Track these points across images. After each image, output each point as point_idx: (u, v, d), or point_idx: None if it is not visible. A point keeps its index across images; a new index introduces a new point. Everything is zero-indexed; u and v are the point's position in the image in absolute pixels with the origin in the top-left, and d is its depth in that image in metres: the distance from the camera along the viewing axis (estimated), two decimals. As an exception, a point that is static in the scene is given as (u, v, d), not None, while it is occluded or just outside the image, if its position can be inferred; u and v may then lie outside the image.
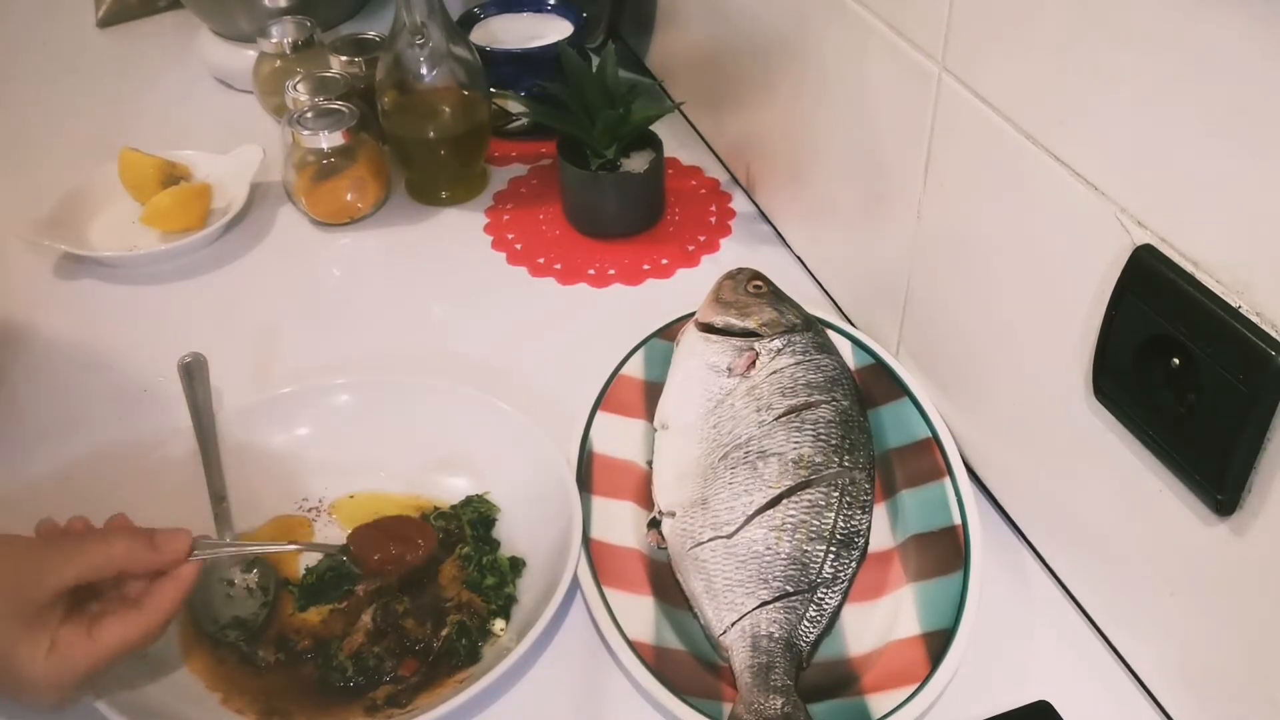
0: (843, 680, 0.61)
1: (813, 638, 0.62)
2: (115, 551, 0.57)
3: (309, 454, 0.75)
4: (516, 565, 0.68)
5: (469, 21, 1.10)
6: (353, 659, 0.63)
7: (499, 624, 0.65)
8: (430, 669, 0.63)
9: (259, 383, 0.82)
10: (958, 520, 0.66)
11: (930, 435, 0.71)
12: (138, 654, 0.58)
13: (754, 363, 0.72)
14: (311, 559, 0.69)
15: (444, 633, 0.64)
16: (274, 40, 1.07)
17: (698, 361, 0.74)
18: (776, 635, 0.61)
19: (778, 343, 0.73)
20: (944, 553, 0.65)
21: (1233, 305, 0.46)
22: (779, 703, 0.57)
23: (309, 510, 0.73)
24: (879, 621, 0.64)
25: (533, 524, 0.69)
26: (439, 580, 0.68)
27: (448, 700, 0.58)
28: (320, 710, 0.62)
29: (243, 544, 0.68)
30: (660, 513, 0.68)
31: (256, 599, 0.67)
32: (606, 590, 0.64)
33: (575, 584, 0.65)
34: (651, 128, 0.95)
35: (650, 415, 0.75)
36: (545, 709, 0.62)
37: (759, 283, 0.78)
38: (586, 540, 0.66)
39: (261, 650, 0.65)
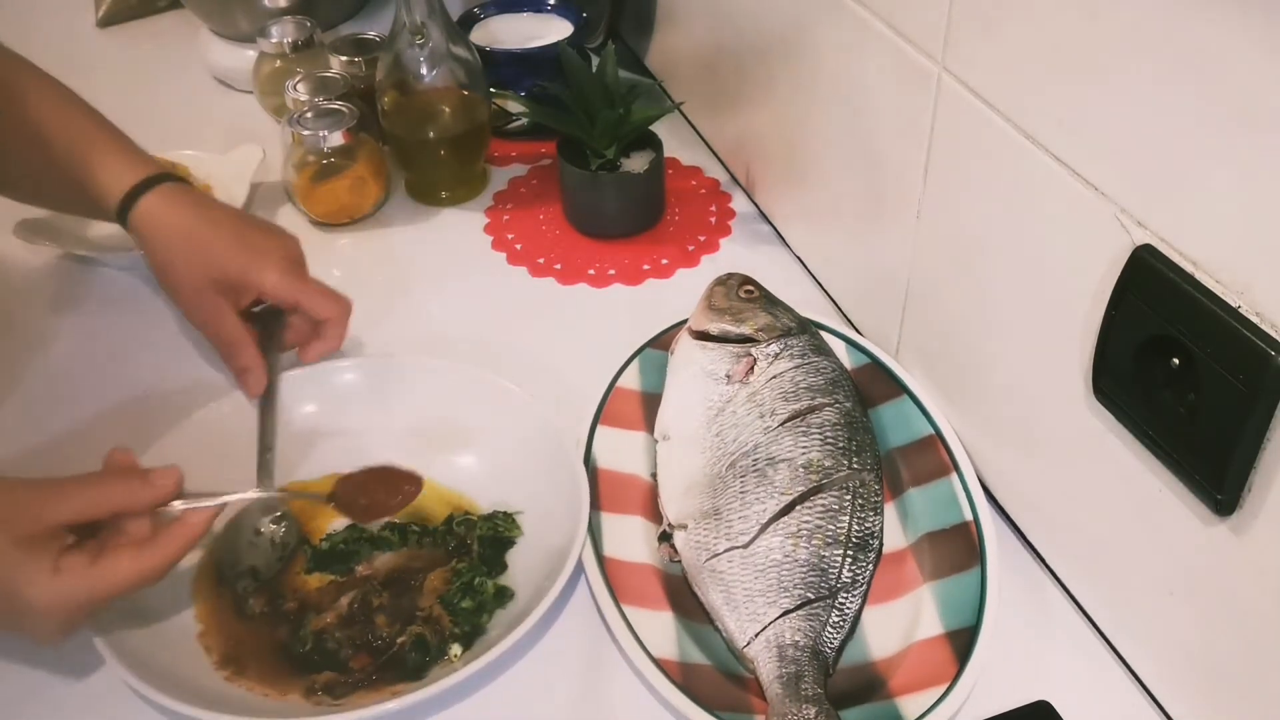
0: (870, 684, 0.61)
1: (837, 643, 0.61)
2: (110, 489, 0.59)
3: (347, 427, 0.76)
4: (502, 595, 0.66)
5: (469, 21, 1.10)
6: (315, 636, 0.64)
7: (455, 649, 0.64)
8: (379, 671, 0.63)
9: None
10: (969, 516, 0.66)
11: (933, 432, 0.71)
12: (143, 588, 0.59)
13: (752, 368, 0.72)
14: (338, 525, 0.71)
15: (400, 640, 0.64)
16: (274, 40, 1.07)
17: (695, 370, 0.73)
18: (802, 643, 0.60)
19: (774, 347, 0.72)
20: (959, 549, 0.65)
21: (1233, 305, 0.46)
22: (812, 711, 0.57)
23: None
24: (899, 622, 0.64)
25: (537, 553, 0.68)
26: (423, 586, 0.67)
27: (369, 709, 0.58)
28: (270, 674, 0.63)
29: (225, 494, 0.64)
30: (670, 525, 0.68)
31: (276, 552, 0.68)
32: (625, 608, 0.62)
33: (550, 616, 0.64)
34: (651, 128, 0.95)
35: (650, 427, 0.74)
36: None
37: (750, 287, 0.77)
38: (600, 559, 0.65)
39: (252, 599, 0.66)
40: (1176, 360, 0.50)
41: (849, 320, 0.86)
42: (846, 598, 0.63)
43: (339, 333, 0.77)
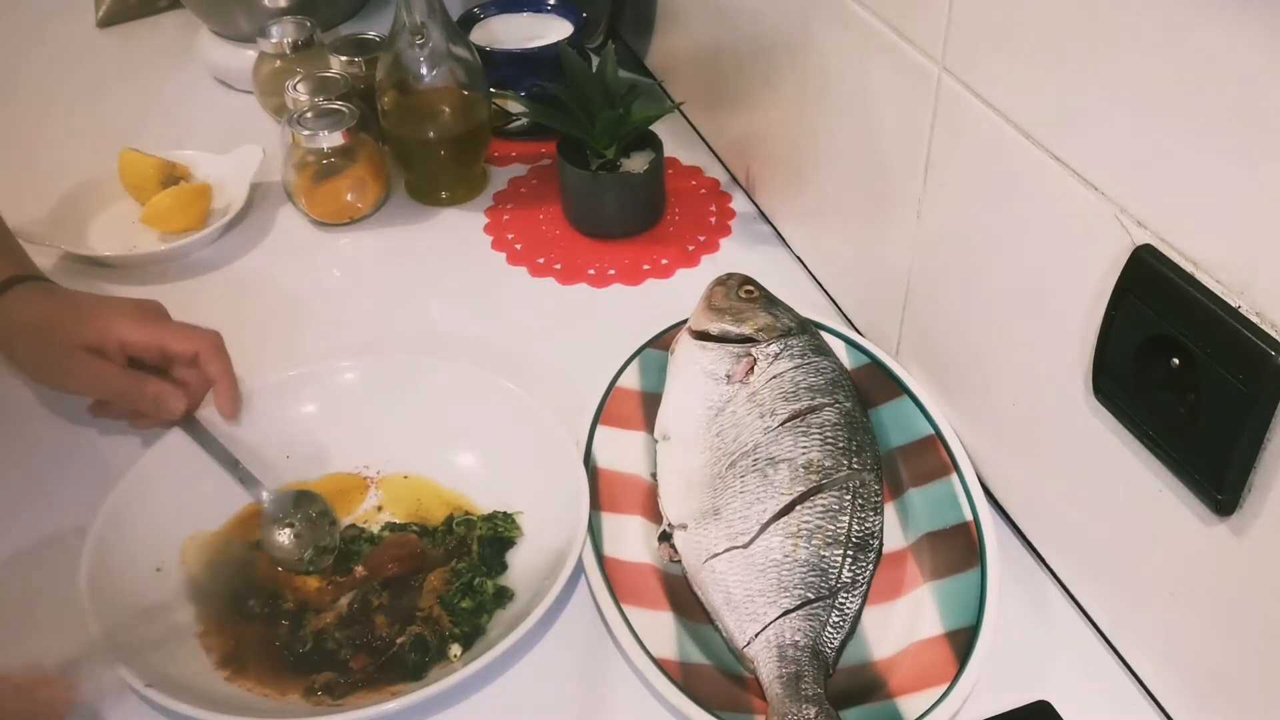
0: (870, 685, 0.61)
1: (837, 643, 0.61)
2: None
3: (347, 427, 0.76)
4: (502, 595, 0.66)
5: (469, 21, 1.10)
6: (315, 636, 0.64)
7: (455, 649, 0.64)
8: (379, 671, 0.63)
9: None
10: (969, 516, 0.66)
11: (933, 432, 0.71)
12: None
13: (752, 368, 0.72)
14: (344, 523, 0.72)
15: (400, 641, 0.64)
16: (274, 40, 1.07)
17: (695, 370, 0.73)
18: (802, 643, 0.60)
19: (775, 347, 0.72)
20: (959, 549, 0.65)
21: (1233, 305, 0.46)
22: (812, 712, 0.57)
23: (367, 477, 0.75)
24: (899, 623, 0.64)
25: (537, 553, 0.68)
26: (423, 586, 0.67)
27: (369, 709, 0.58)
28: (270, 674, 0.63)
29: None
30: (670, 525, 0.68)
31: (325, 525, 0.70)
32: (625, 608, 0.62)
33: (550, 616, 0.64)
34: (651, 128, 0.95)
35: (649, 427, 0.74)
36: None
37: (750, 287, 0.77)
38: (600, 559, 0.65)
39: (253, 600, 0.66)
40: (1176, 360, 0.50)
41: (849, 320, 0.86)
42: (846, 598, 0.63)
43: (218, 368, 0.75)
